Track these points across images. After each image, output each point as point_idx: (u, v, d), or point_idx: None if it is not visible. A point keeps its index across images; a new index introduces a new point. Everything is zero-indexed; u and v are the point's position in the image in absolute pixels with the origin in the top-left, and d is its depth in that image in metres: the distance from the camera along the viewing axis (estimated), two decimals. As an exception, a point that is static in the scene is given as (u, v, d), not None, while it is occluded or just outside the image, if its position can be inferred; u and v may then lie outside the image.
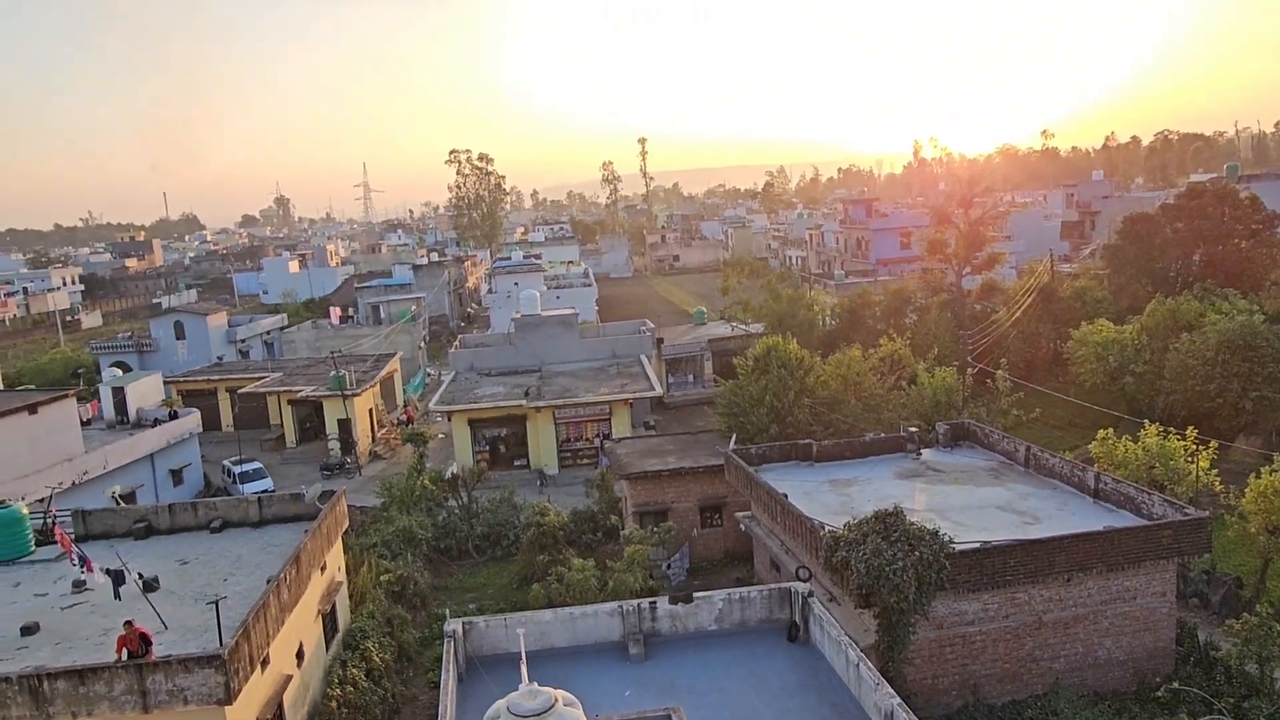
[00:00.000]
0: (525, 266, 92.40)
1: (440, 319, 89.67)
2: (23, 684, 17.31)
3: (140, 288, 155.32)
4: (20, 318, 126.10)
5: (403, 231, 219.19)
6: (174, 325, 70.43)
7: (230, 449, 49.35)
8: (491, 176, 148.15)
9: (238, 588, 22.90)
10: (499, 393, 46.53)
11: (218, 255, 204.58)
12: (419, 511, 35.15)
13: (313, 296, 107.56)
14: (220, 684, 17.61)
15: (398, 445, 50.84)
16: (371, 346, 63.46)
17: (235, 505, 28.92)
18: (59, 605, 22.63)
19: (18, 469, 33.96)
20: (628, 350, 52.81)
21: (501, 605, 29.53)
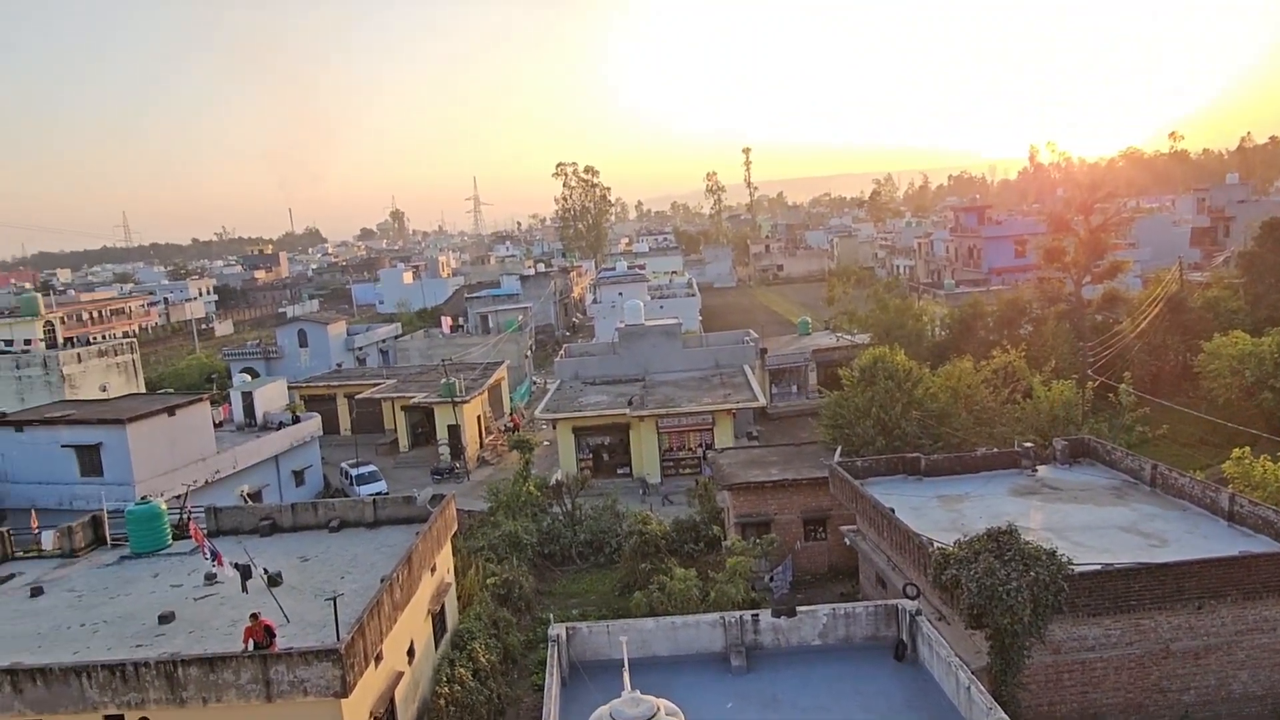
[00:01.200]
0: (629, 277, 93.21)
1: (546, 328, 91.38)
2: (160, 669, 18.49)
3: (268, 298, 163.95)
4: (161, 326, 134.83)
5: (511, 243, 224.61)
6: (298, 333, 74.04)
7: (348, 452, 51.52)
8: (597, 188, 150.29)
9: (354, 585, 23.85)
10: (603, 401, 47.06)
11: (338, 267, 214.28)
12: (524, 517, 35.86)
13: (425, 306, 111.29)
14: (337, 677, 18.39)
15: (504, 451, 52.01)
16: (480, 355, 65.19)
17: (352, 506, 30.14)
18: (192, 596, 24.06)
19: (157, 467, 36.35)
20: (731, 360, 52.62)
21: (603, 612, 29.83)
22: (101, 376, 49.75)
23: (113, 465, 35.69)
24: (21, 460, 37.25)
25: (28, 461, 37.11)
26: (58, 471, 36.25)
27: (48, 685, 18.56)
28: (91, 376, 49.02)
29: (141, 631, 21.95)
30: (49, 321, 52.28)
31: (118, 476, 35.41)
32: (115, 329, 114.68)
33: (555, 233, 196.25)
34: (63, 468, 36.19)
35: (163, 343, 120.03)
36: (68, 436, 36.32)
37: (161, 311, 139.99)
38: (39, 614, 23.70)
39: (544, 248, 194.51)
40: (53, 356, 47.16)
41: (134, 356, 53.17)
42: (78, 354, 48.62)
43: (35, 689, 18.57)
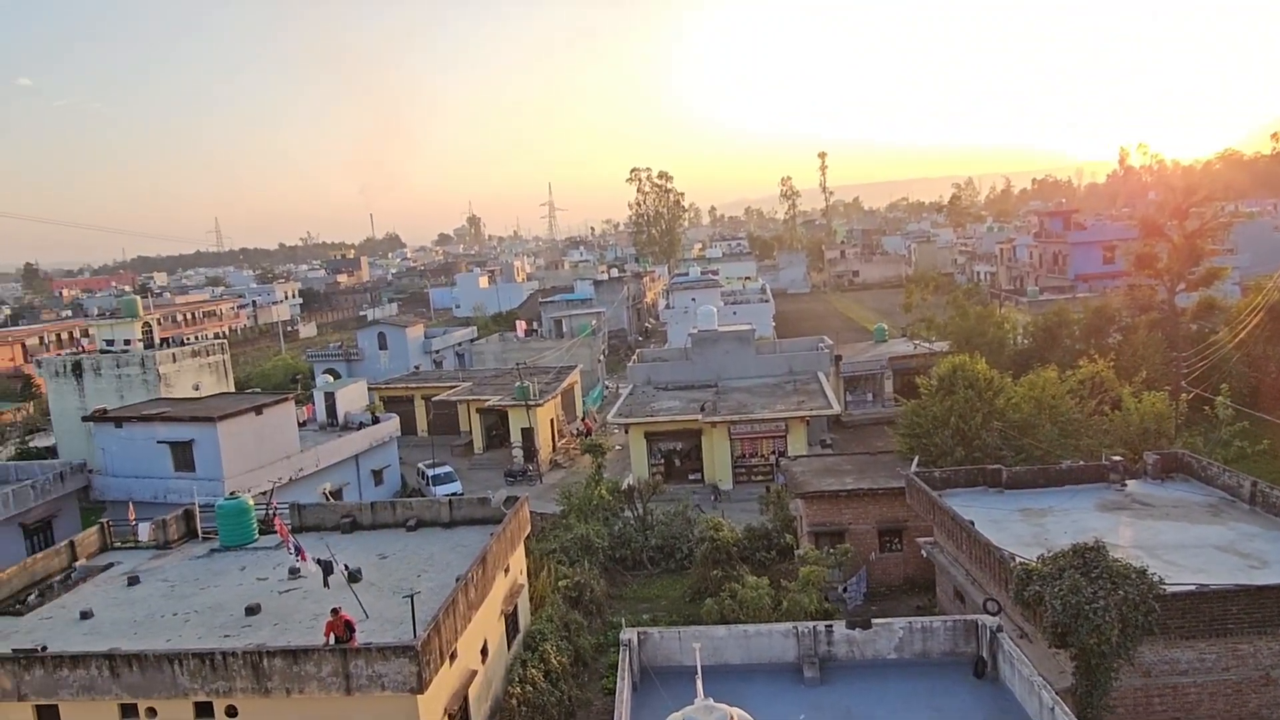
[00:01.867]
0: (702, 282, 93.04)
1: (619, 333, 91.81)
2: (247, 659, 19.15)
3: (349, 301, 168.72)
4: (249, 327, 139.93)
5: (584, 248, 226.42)
6: (377, 336, 75.95)
7: (424, 452, 52.60)
8: (670, 194, 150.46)
9: (430, 584, 24.32)
10: (675, 407, 47.04)
11: (416, 271, 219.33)
12: (596, 520, 36.05)
13: (500, 310, 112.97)
14: (414, 673, 18.76)
15: (577, 455, 52.41)
16: (554, 359, 65.85)
17: (429, 506, 30.76)
18: (277, 589, 24.86)
19: (246, 464, 37.70)
20: (805, 367, 52.04)
21: (674, 617, 29.79)
22: (194, 376, 51.77)
23: (204, 461, 37.15)
24: (121, 455, 39.05)
25: (126, 456, 38.89)
26: (154, 466, 37.90)
27: (143, 671, 19.39)
28: (185, 376, 51.05)
29: (229, 622, 22.77)
30: (147, 323, 54.61)
31: (209, 472, 36.83)
32: (207, 330, 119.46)
33: (628, 238, 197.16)
34: (158, 463, 37.81)
35: (251, 344, 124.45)
36: (163, 433, 37.93)
37: (250, 314, 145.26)
38: (135, 602, 24.79)
39: (617, 253, 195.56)
40: (150, 356, 49.24)
41: (224, 357, 55.17)
42: (173, 354, 50.67)
43: (131, 674, 19.41)
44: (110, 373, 49.40)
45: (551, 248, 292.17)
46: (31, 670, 19.67)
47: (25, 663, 19.72)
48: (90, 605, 24.37)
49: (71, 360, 50.70)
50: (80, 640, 21.94)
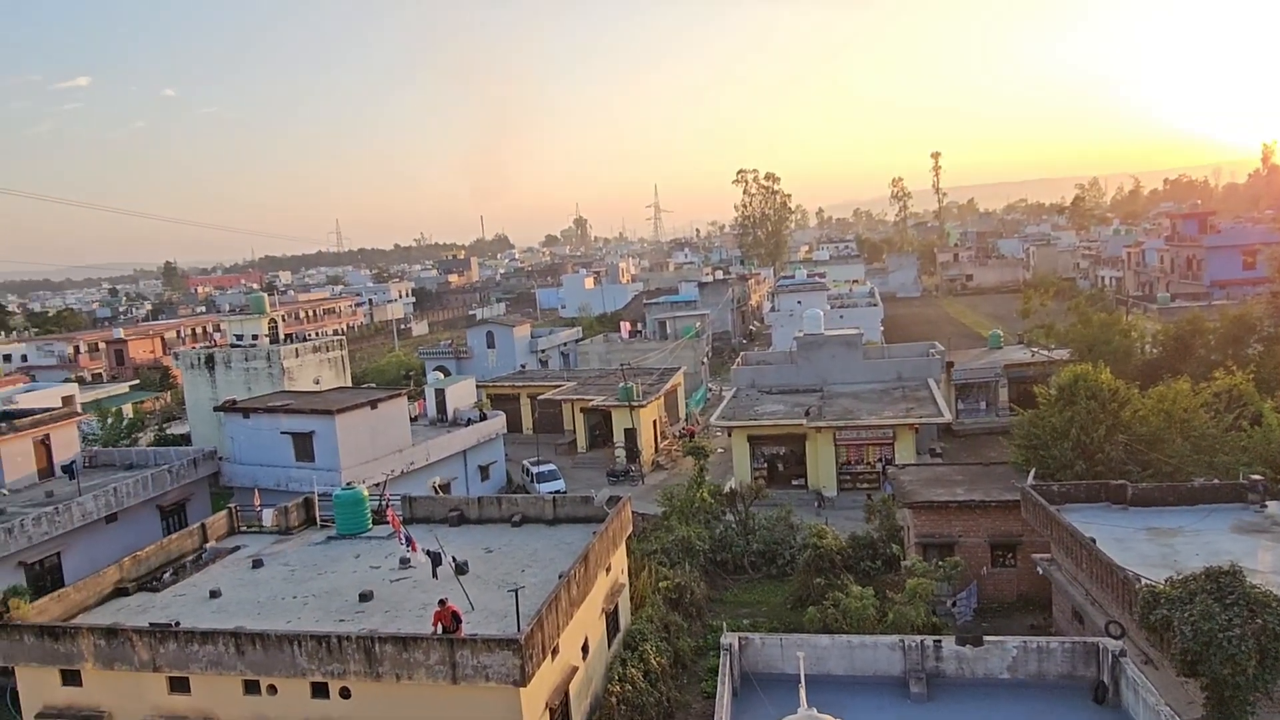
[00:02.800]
0: (809, 285, 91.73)
1: (723, 335, 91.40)
2: (360, 644, 19.90)
3: (459, 300, 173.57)
4: (365, 325, 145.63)
5: (689, 250, 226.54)
6: (486, 335, 77.83)
7: (529, 450, 53.58)
8: (777, 195, 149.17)
9: (533, 579, 24.74)
10: (779, 411, 46.50)
11: (524, 272, 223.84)
12: (697, 523, 35.96)
13: (605, 311, 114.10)
14: (517, 666, 19.12)
15: (679, 457, 52.42)
16: (657, 360, 66.06)
17: (533, 503, 31.31)
18: (388, 578, 25.75)
19: (360, 456, 39.17)
20: (914, 373, 50.64)
21: (775, 624, 29.43)
22: (315, 370, 54.15)
23: (323, 452, 38.78)
24: (247, 443, 41.18)
25: (252, 445, 40.97)
26: (277, 455, 39.80)
27: (265, 650, 20.40)
28: (307, 370, 53.46)
29: (344, 607, 23.71)
30: (273, 319, 57.44)
31: (327, 463, 38.43)
32: (327, 327, 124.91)
33: (734, 240, 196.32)
34: (281, 452, 39.69)
35: (367, 340, 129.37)
36: (286, 424, 39.81)
37: (366, 312, 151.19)
38: (258, 584, 26.11)
39: (722, 254, 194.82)
40: (275, 351, 51.76)
41: (343, 353, 57.50)
42: (296, 349, 53.13)
43: (255, 652, 20.45)
44: (239, 366, 52.16)
45: (656, 249, 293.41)
46: (166, 644, 20.97)
47: (161, 636, 21.03)
48: (219, 585, 25.80)
49: (204, 353, 53.77)
50: (209, 618, 23.26)
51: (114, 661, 21.38)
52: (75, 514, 34.12)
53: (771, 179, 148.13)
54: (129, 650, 21.19)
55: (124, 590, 25.84)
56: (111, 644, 21.34)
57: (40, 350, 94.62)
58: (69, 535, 33.91)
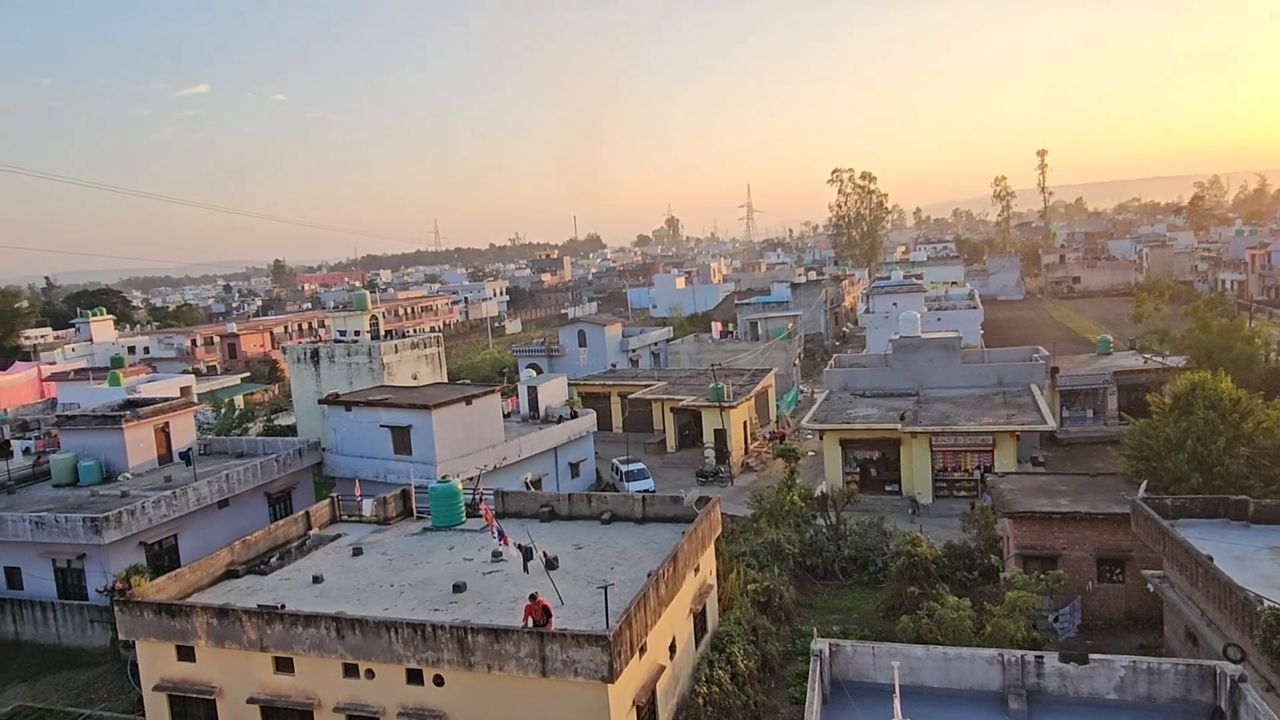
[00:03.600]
0: (905, 286, 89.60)
1: (815, 337, 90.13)
2: (453, 633, 20.36)
3: (551, 299, 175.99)
4: (461, 322, 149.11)
5: (782, 250, 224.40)
6: (577, 334, 78.66)
7: (619, 449, 53.92)
8: (873, 194, 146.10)
9: (622, 576, 24.85)
10: (873, 414, 45.57)
11: (615, 272, 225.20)
12: (787, 526, 35.55)
13: (696, 311, 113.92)
14: (605, 663, 19.24)
15: (769, 459, 51.93)
16: (748, 361, 65.58)
17: (623, 501, 31.47)
18: (481, 570, 26.27)
19: (455, 450, 40.11)
20: (1016, 378, 48.89)
21: (866, 632, 28.87)
22: (413, 366, 55.71)
23: (420, 446, 39.87)
24: (349, 436, 42.66)
25: (353, 437, 42.43)
26: (376, 447, 41.12)
27: (364, 635, 21.08)
28: (405, 366, 55.05)
29: (438, 597, 24.30)
30: (374, 316, 59.37)
31: (423, 456, 39.50)
32: (424, 324, 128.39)
33: (828, 240, 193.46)
34: (380, 445, 40.98)
35: (462, 338, 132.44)
36: (385, 418, 41.08)
37: (462, 309, 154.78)
38: (358, 571, 27.01)
39: (815, 255, 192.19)
40: (375, 347, 53.48)
41: (439, 349, 58.99)
42: (395, 345, 54.77)
43: (354, 637, 21.15)
44: (342, 360, 54.08)
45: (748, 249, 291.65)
46: (273, 625, 21.89)
47: (268, 618, 21.97)
48: (321, 571, 26.80)
49: (310, 348, 55.93)
50: (312, 602, 24.17)
51: (225, 640, 22.45)
52: (191, 498, 35.96)
53: (867, 178, 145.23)
54: (239, 630, 22.22)
55: (234, 572, 27.11)
56: (223, 623, 22.41)
57: (161, 343, 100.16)
58: (185, 518, 35.77)
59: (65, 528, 32.84)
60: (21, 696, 30.22)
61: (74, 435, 41.09)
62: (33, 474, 41.62)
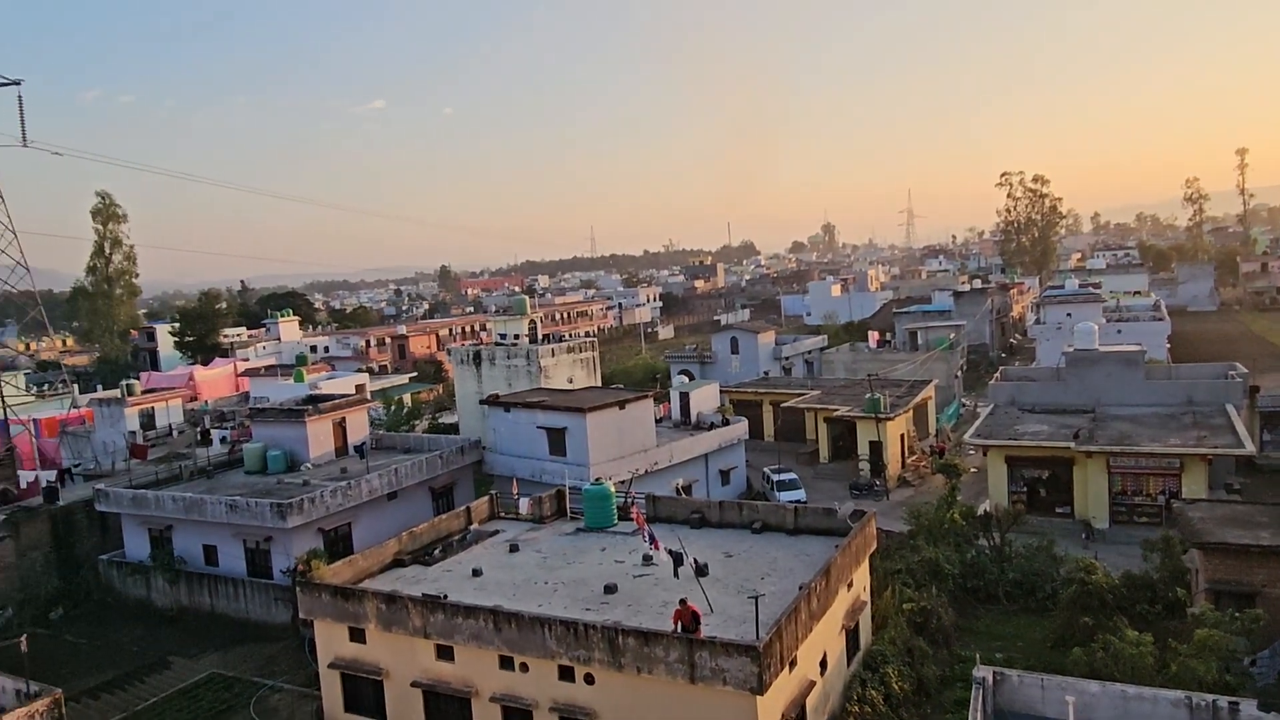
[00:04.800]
0: (1080, 296, 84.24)
1: (980, 348, 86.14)
2: (604, 634, 20.69)
3: (704, 305, 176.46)
4: (615, 327, 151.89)
5: (944, 257, 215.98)
6: (730, 341, 78.41)
7: (769, 457, 53.29)
8: (1046, 198, 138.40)
9: (773, 587, 24.51)
10: (1043, 431, 43.00)
11: (769, 278, 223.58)
12: (947, 545, 34.05)
13: (852, 320, 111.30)
14: (754, 674, 19.04)
15: (927, 473, 50.00)
16: (906, 372, 63.40)
17: (774, 511, 31.07)
18: (631, 573, 26.58)
19: (608, 453, 40.80)
20: (1208, 397, 44.90)
21: (1031, 662, 27.18)
22: (568, 370, 57.12)
23: (574, 447, 40.81)
24: (507, 435, 44.22)
25: (511, 437, 43.94)
26: (533, 448, 42.41)
27: (519, 630, 21.76)
28: (561, 369, 56.51)
29: (590, 597, 24.76)
30: (532, 320, 61.29)
31: (577, 458, 40.41)
32: (580, 329, 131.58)
33: (994, 247, 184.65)
34: (537, 445, 42.23)
35: (616, 342, 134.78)
36: (542, 419, 42.31)
37: (616, 315, 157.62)
38: (514, 567, 27.91)
39: (980, 262, 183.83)
40: (534, 350, 55.18)
41: (594, 354, 60.19)
42: (552, 349, 56.32)
43: (510, 630, 21.87)
44: (502, 362, 56.12)
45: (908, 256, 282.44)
46: (435, 614, 22.96)
47: (431, 607, 23.07)
48: (480, 564, 27.87)
49: (472, 350, 58.38)
50: (472, 594, 25.16)
51: (392, 625, 23.73)
52: (364, 490, 38.27)
53: (1040, 180, 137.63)
54: (405, 616, 23.43)
55: (401, 562, 28.63)
56: (391, 609, 23.70)
57: (339, 343, 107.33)
58: (358, 508, 38.09)
59: (255, 512, 35.68)
60: (215, 664, 33.03)
61: (263, 427, 44.62)
62: (228, 461, 45.50)
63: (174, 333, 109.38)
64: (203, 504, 37.24)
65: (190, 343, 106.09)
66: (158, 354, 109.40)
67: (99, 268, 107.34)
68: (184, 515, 37.94)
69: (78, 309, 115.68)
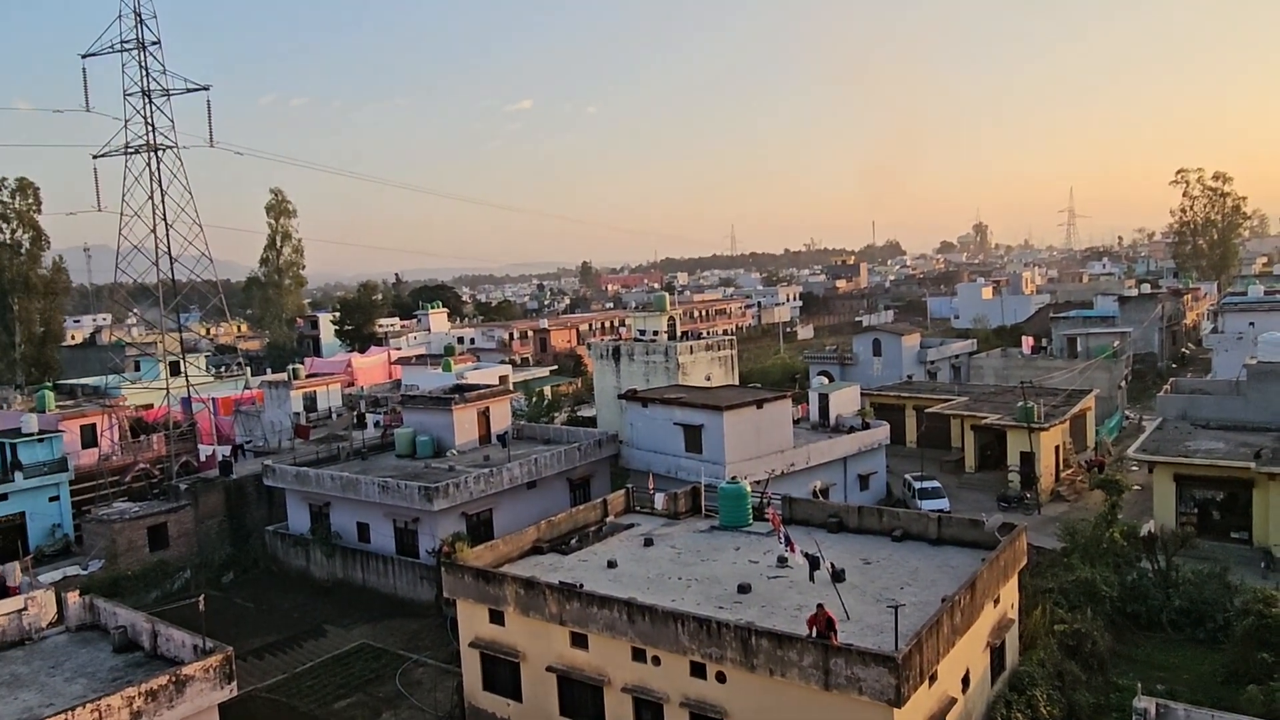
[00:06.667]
0: (1266, 304, 77.20)
1: (1147, 357, 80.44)
2: (737, 633, 20.56)
3: (846, 306, 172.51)
4: (753, 326, 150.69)
5: (1108, 260, 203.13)
6: (872, 342, 76.33)
7: (911, 464, 51.56)
8: (1227, 197, 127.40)
9: (913, 598, 23.70)
10: (1218, 449, 39.67)
11: (914, 279, 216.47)
12: (1104, 566, 31.99)
13: (1004, 324, 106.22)
14: (892, 685, 18.46)
15: (1083, 488, 47.12)
16: (1063, 380, 59.86)
17: (916, 519, 30.02)
18: (766, 574, 26.30)
19: (744, 452, 40.51)
20: None
21: (1199, 696, 25.15)
22: (706, 367, 57.07)
23: (710, 445, 40.75)
24: (644, 430, 44.62)
25: (648, 432, 44.30)
26: (669, 444, 42.61)
27: (652, 623, 21.92)
28: (699, 367, 56.52)
29: (723, 596, 24.66)
30: (671, 317, 61.61)
31: (713, 455, 40.32)
32: (718, 327, 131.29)
33: (1166, 249, 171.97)
34: (673, 441, 42.41)
35: (754, 341, 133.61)
36: (679, 416, 42.45)
37: (755, 313, 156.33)
38: (648, 561, 28.14)
39: (1149, 266, 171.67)
40: (672, 347, 55.41)
41: (732, 352, 59.85)
42: (690, 346, 56.41)
43: (643, 623, 22.06)
44: (640, 358, 56.66)
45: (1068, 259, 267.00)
46: (571, 602, 23.45)
47: (568, 594, 23.57)
48: (615, 556, 28.26)
49: (611, 345, 59.22)
50: (606, 585, 25.54)
51: (530, 610, 24.39)
52: (505, 477, 39.52)
53: (1221, 178, 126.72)
54: (542, 602, 24.04)
55: (539, 549, 29.39)
56: (529, 594, 24.37)
57: (484, 335, 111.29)
58: (499, 495, 39.39)
59: (404, 493, 37.49)
60: (365, 635, 34.94)
61: (413, 413, 46.81)
62: (381, 444, 48.00)
63: (335, 321, 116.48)
64: (357, 483, 39.43)
65: (349, 331, 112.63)
66: (320, 341, 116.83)
67: (271, 259, 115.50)
68: (340, 493, 40.31)
69: (251, 297, 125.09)
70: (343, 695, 29.91)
